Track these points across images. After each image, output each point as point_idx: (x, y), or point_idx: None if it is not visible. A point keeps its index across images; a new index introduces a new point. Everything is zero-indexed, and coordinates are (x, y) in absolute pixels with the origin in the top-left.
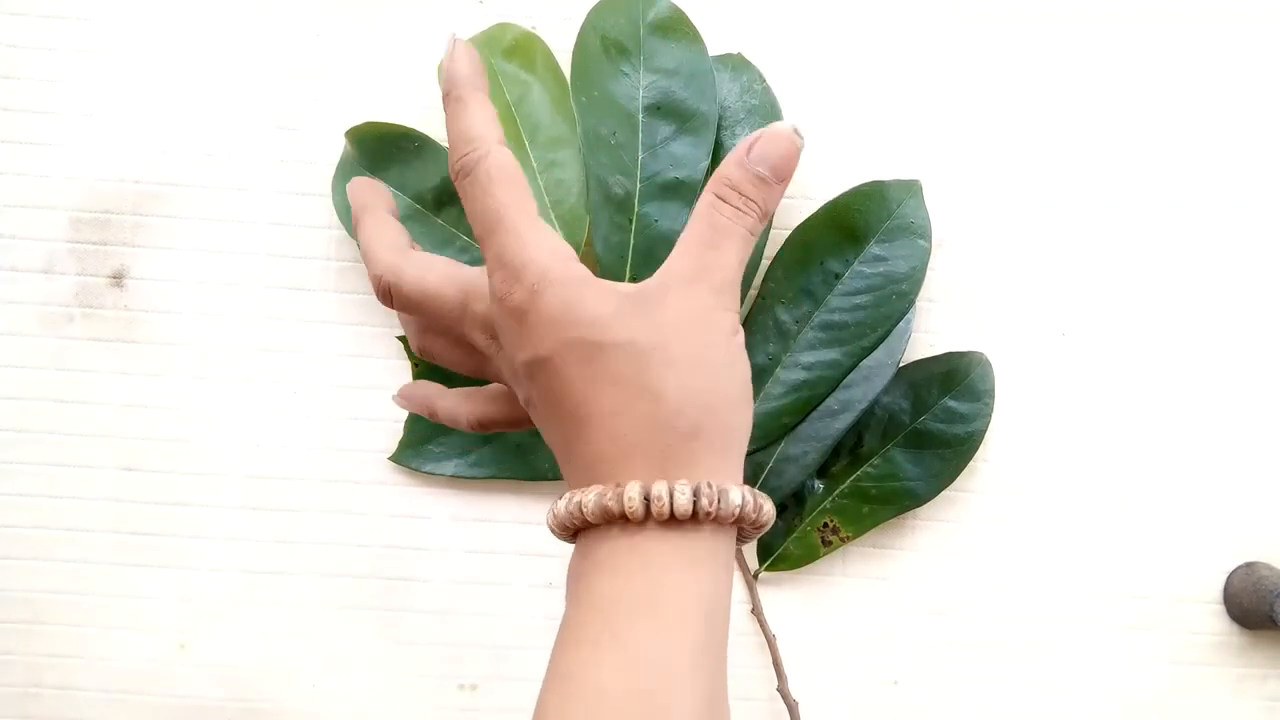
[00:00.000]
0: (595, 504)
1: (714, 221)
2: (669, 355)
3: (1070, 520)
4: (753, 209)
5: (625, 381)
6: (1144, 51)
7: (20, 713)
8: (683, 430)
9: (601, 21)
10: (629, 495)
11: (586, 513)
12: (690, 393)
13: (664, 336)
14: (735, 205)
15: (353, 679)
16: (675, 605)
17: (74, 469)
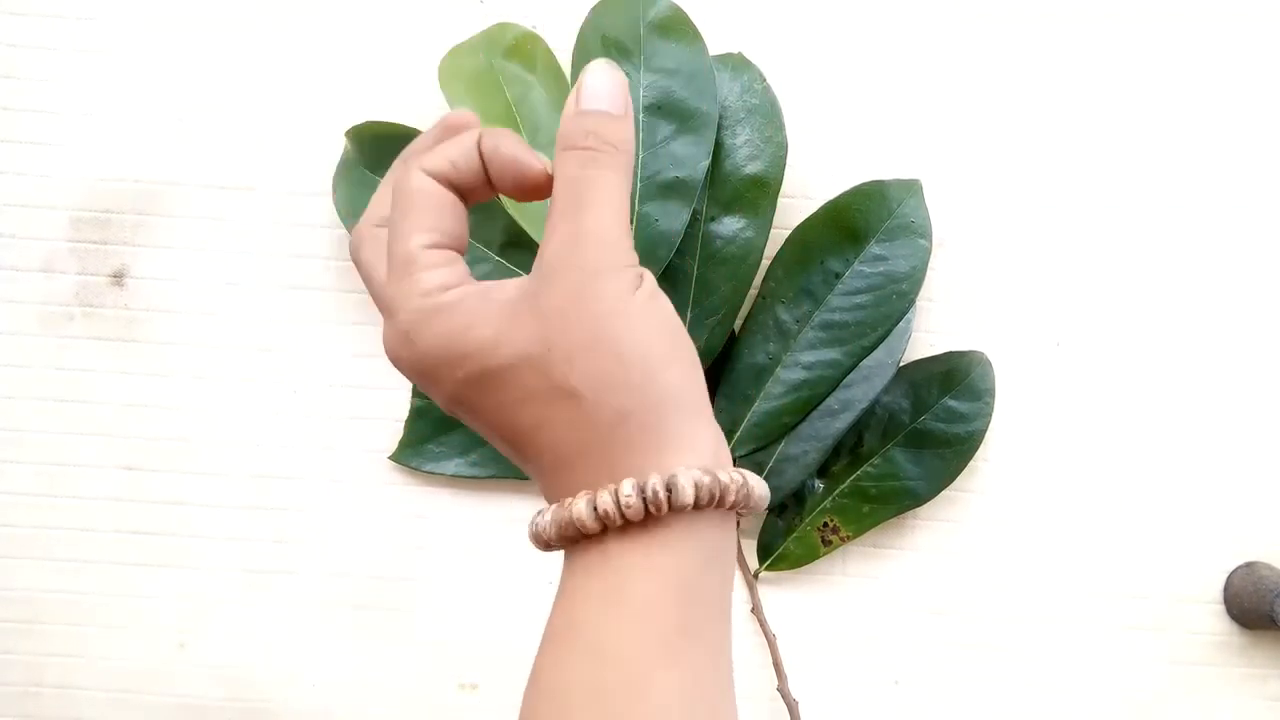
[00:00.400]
0: (553, 526)
1: (569, 180)
2: (566, 350)
3: (1070, 520)
4: (605, 148)
5: (534, 395)
6: (1144, 51)
7: (20, 711)
8: (609, 420)
9: (602, 21)
10: (577, 516)
11: (550, 536)
12: (600, 379)
13: (554, 332)
14: (584, 146)
15: (352, 678)
16: (640, 595)
17: (74, 468)
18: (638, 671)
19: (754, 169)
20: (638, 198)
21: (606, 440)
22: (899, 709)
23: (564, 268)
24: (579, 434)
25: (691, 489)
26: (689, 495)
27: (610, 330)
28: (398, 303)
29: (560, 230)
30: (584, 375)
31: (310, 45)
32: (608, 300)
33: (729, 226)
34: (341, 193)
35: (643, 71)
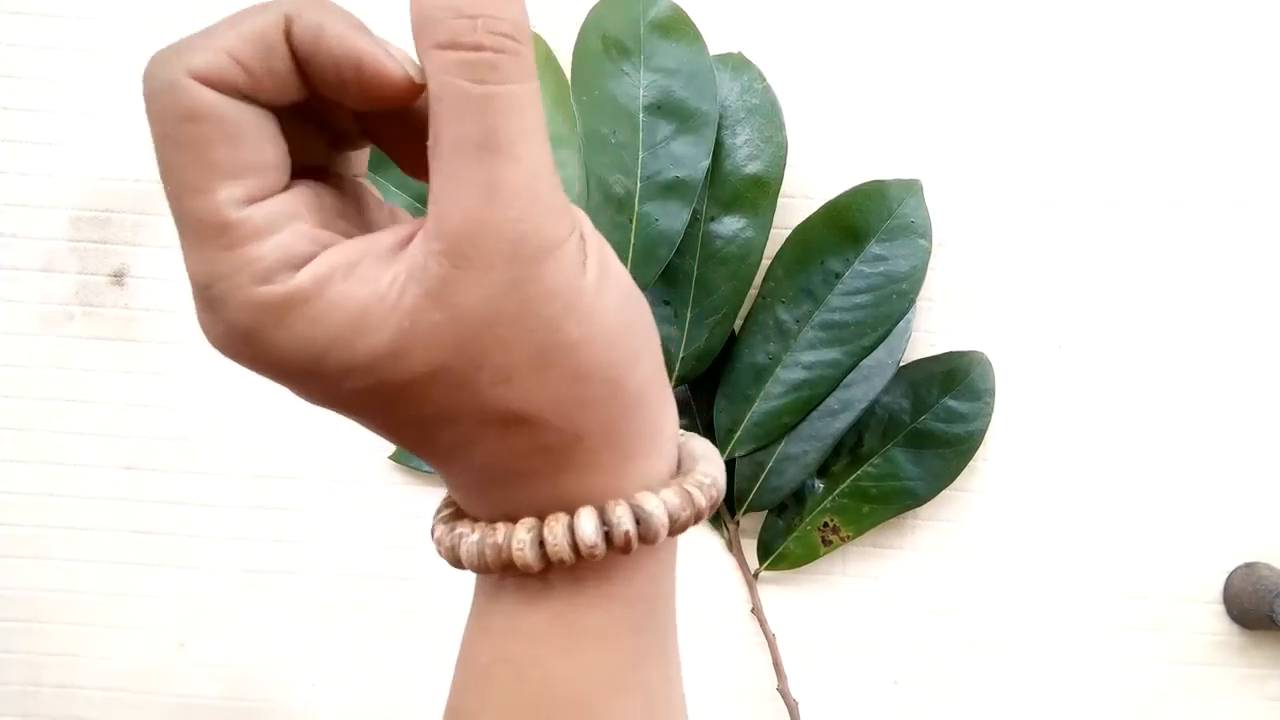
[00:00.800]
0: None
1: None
2: (501, 369)
3: (1070, 520)
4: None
5: (457, 415)
6: (1144, 51)
7: (20, 710)
8: (563, 444)
9: (602, 21)
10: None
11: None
12: (552, 401)
13: (481, 345)
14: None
15: (352, 677)
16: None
17: (74, 467)
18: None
19: (754, 169)
20: (638, 198)
21: (558, 463)
22: (899, 709)
23: (484, 246)
24: (519, 458)
25: (665, 519)
26: (662, 525)
27: (562, 339)
28: (221, 289)
29: (466, 182)
30: (529, 399)
31: None
32: (557, 297)
33: (729, 226)
34: None
35: (643, 71)
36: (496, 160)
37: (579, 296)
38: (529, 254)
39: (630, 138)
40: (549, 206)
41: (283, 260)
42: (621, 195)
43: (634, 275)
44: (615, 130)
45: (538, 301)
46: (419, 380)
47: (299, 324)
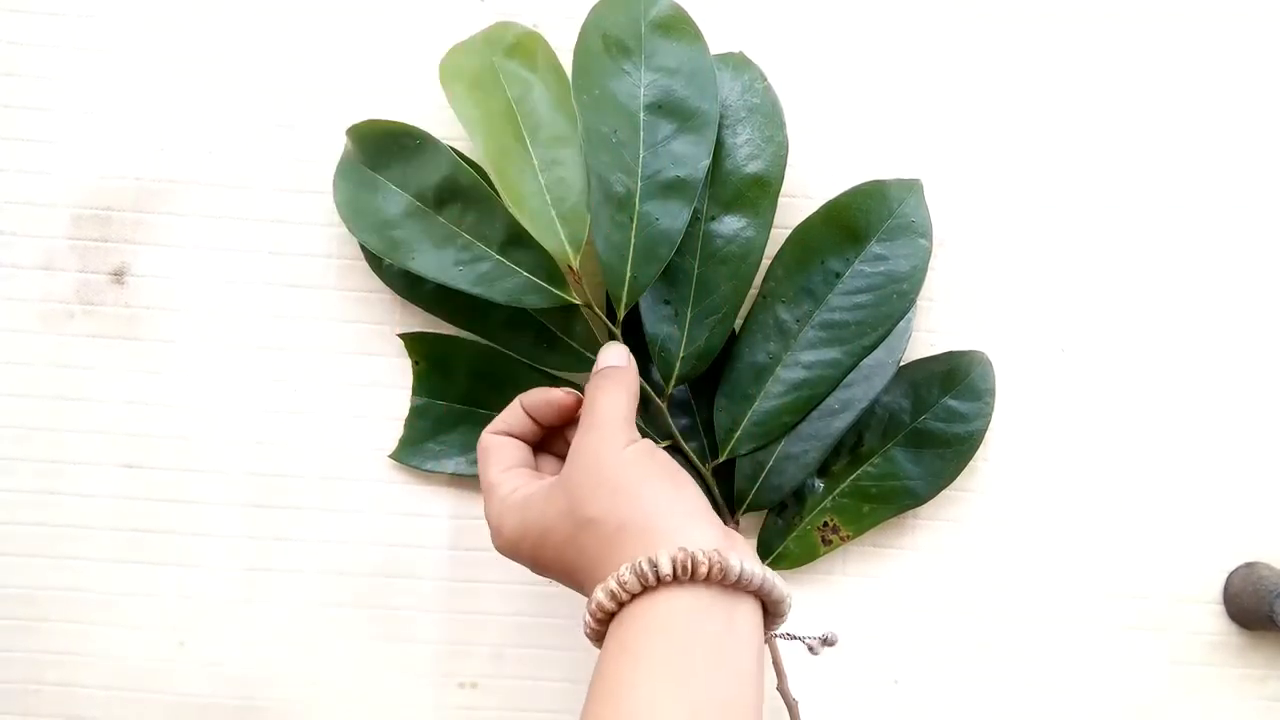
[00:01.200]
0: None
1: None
2: (582, 494)
3: (1070, 520)
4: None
5: (571, 535)
6: (1144, 51)
7: (21, 709)
8: (610, 530)
9: (603, 20)
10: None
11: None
12: (605, 505)
13: (575, 487)
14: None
15: (352, 677)
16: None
17: (74, 466)
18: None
19: (755, 168)
20: (638, 197)
21: (615, 545)
22: (899, 708)
23: (580, 446)
24: (599, 547)
25: (669, 562)
26: (666, 566)
27: (608, 471)
28: (489, 510)
29: (581, 426)
30: (595, 505)
31: (311, 43)
32: (606, 454)
33: (729, 226)
34: (342, 191)
35: (643, 70)
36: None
37: (618, 455)
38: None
39: (631, 137)
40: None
41: (510, 490)
42: (622, 194)
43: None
44: (616, 129)
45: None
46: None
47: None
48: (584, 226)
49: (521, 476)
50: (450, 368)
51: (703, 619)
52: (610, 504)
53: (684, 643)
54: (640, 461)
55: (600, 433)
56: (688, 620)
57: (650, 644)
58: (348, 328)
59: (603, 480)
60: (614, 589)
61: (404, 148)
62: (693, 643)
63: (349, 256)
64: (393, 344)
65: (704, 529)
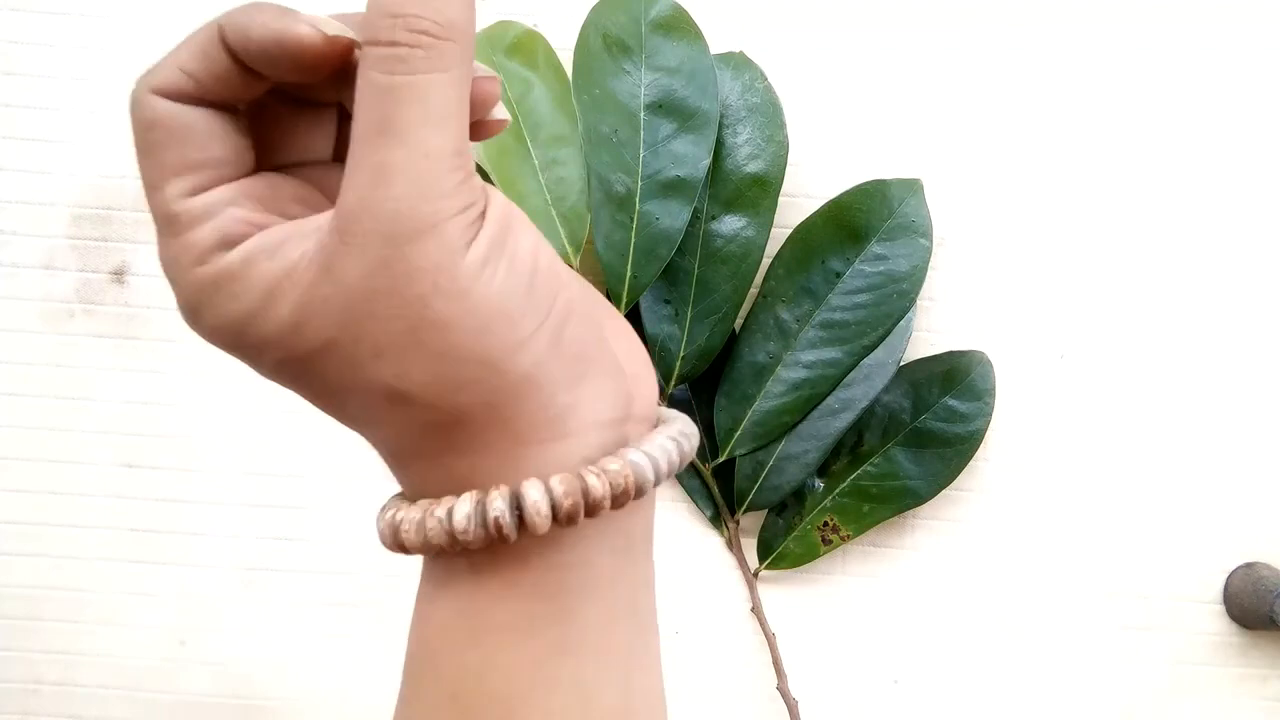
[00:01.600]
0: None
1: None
2: (375, 344)
3: (1070, 520)
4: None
5: (350, 389)
6: (1145, 51)
7: (20, 708)
8: (443, 423)
9: (603, 19)
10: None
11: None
12: (425, 380)
13: (359, 318)
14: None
15: (353, 675)
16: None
17: (74, 465)
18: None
19: (755, 168)
20: (638, 196)
21: (445, 444)
22: (898, 708)
23: (364, 223)
24: (410, 436)
25: (546, 507)
26: (543, 515)
27: (432, 316)
28: (172, 272)
29: (361, 165)
30: (404, 376)
31: None
32: (426, 276)
33: (730, 225)
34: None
35: (644, 70)
36: (387, 144)
37: (452, 276)
38: (402, 232)
39: (631, 136)
40: (430, 187)
41: (216, 243)
42: (622, 194)
43: (635, 274)
44: (616, 129)
45: (406, 279)
46: (315, 353)
47: (224, 299)
48: (584, 226)
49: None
50: None
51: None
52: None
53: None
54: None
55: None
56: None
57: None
58: None
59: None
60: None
61: None
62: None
63: None
64: None
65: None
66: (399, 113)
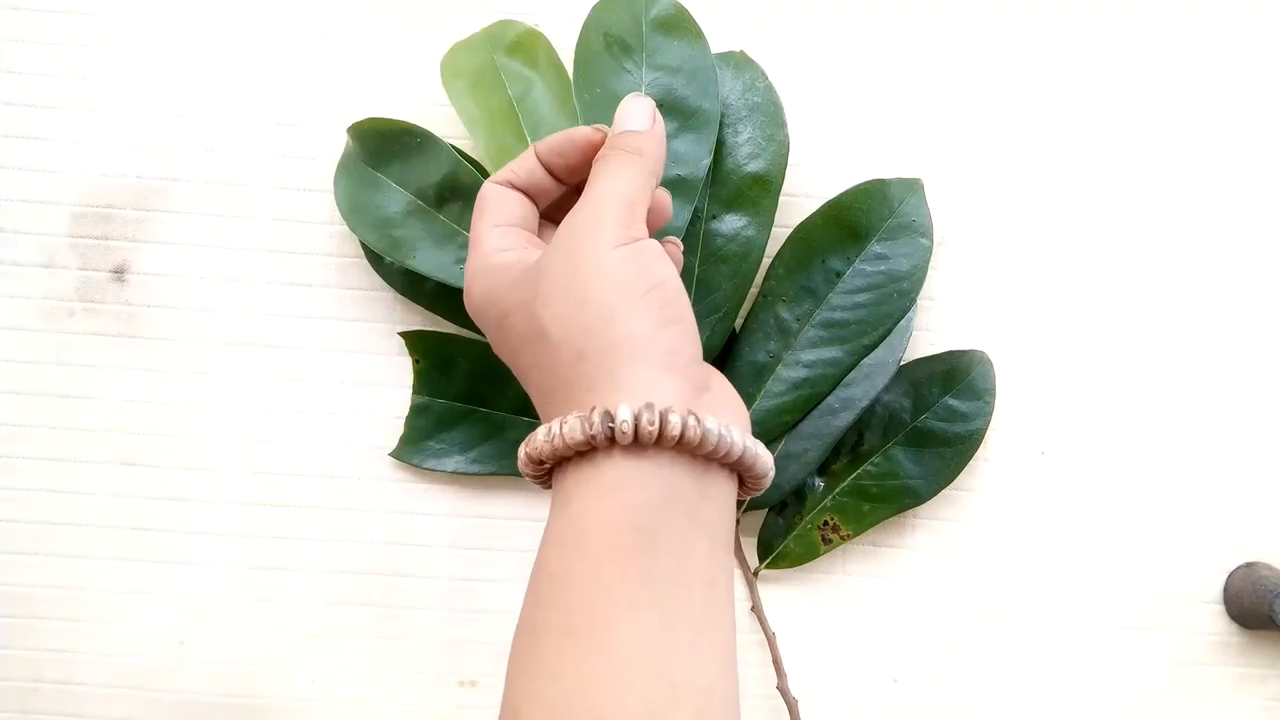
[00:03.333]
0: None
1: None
2: (546, 294)
3: (1070, 520)
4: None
5: (527, 337)
6: (1147, 50)
7: (20, 707)
8: (567, 359)
9: (604, 18)
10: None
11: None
12: (566, 321)
13: (542, 279)
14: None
15: (352, 675)
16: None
17: (74, 464)
18: (601, 616)
19: (755, 167)
20: None
21: (569, 378)
22: (898, 707)
23: (563, 231)
24: (551, 372)
25: (630, 419)
26: (627, 423)
27: (581, 276)
28: (469, 264)
29: (576, 204)
30: (554, 316)
31: (312, 41)
32: (587, 251)
33: (730, 224)
34: (343, 189)
35: (644, 69)
36: (590, 188)
37: (600, 256)
38: (582, 227)
39: None
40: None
41: (496, 249)
42: None
43: None
44: None
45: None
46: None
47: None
48: None
49: (516, 237)
50: (451, 366)
51: (665, 501)
52: (570, 319)
53: (644, 533)
54: (626, 271)
55: (589, 219)
56: (647, 500)
57: (601, 532)
58: (348, 326)
59: (572, 283)
60: (555, 441)
61: (405, 146)
62: (655, 534)
63: (349, 255)
64: (393, 342)
65: (680, 376)
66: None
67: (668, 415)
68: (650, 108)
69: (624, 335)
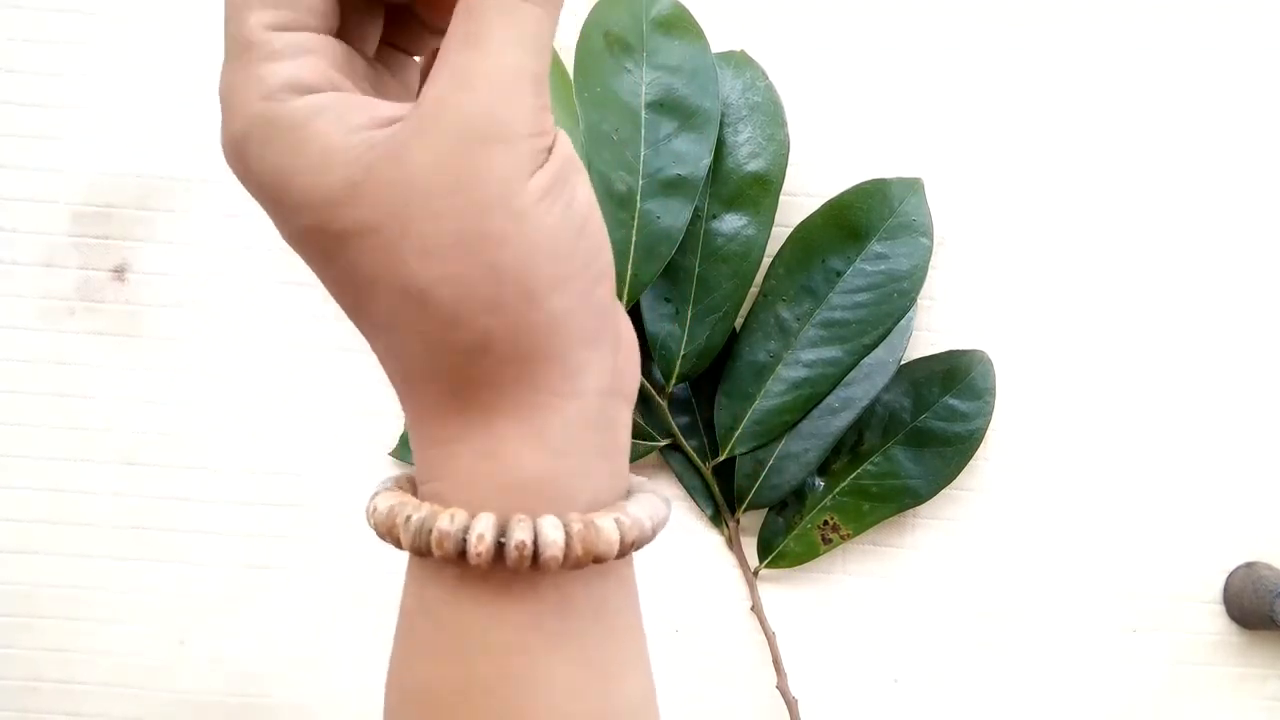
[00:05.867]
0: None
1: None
2: (423, 240)
3: (1070, 519)
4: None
5: (380, 284)
6: (1145, 51)
7: (20, 706)
8: (466, 346)
9: (605, 18)
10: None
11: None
12: (462, 288)
13: (412, 210)
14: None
15: (351, 674)
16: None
17: (74, 463)
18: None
19: (756, 167)
20: (640, 195)
21: (462, 367)
22: (898, 707)
23: (442, 118)
24: (426, 353)
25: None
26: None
27: (487, 227)
28: (231, 99)
29: (447, 68)
30: (443, 279)
31: None
32: (491, 184)
33: (731, 224)
34: None
35: (645, 69)
36: (476, 51)
37: (515, 195)
38: (477, 132)
39: (632, 135)
40: (515, 103)
41: (288, 84)
42: (624, 192)
43: (635, 272)
44: (617, 127)
45: (472, 181)
46: (354, 234)
47: (280, 145)
48: None
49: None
50: None
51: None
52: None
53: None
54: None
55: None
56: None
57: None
58: (348, 325)
59: (473, 238)
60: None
61: None
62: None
63: None
64: None
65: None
66: (491, 26)
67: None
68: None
69: (548, 317)
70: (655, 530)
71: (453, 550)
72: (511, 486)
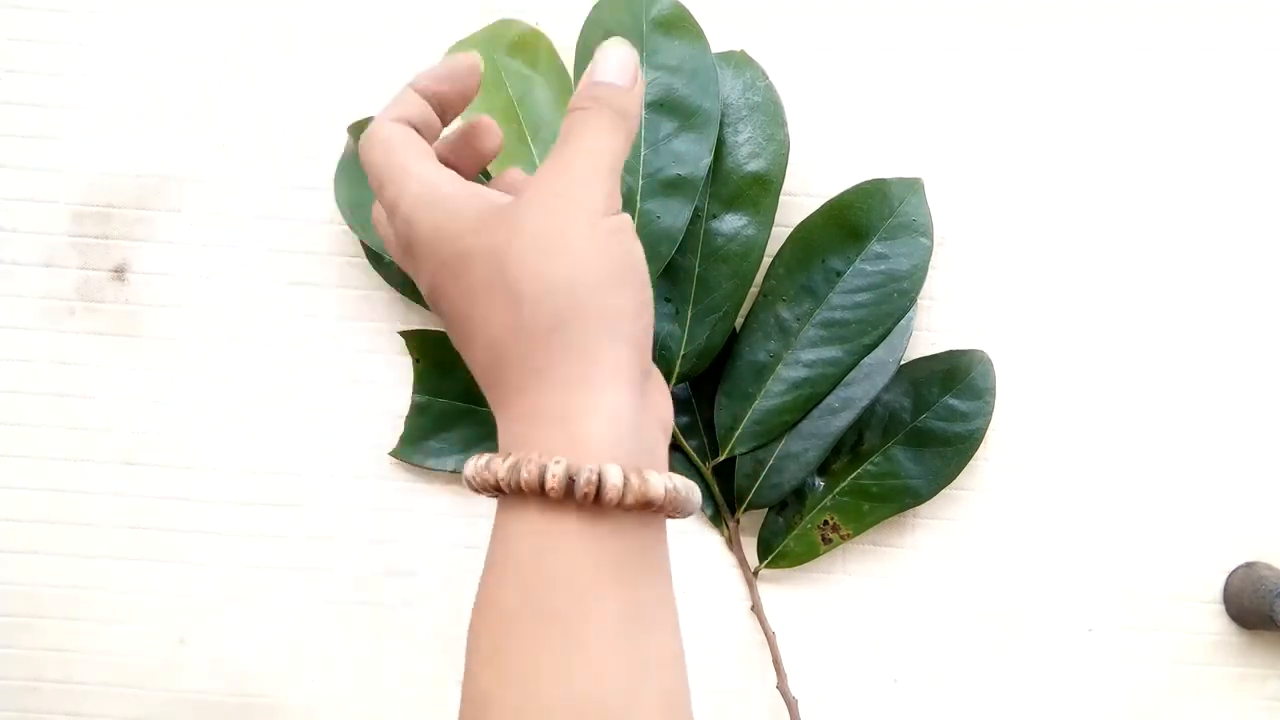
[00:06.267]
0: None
1: (570, 125)
2: (524, 247)
3: (1070, 519)
4: (603, 106)
5: (490, 286)
6: (1145, 51)
7: (20, 706)
8: (542, 324)
9: (604, 18)
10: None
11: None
12: (545, 280)
13: (521, 231)
14: (583, 106)
15: (352, 674)
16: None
17: (74, 463)
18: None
19: (756, 166)
20: (640, 195)
21: (534, 344)
22: (898, 707)
23: (543, 188)
24: (513, 335)
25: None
26: (558, 480)
27: (573, 239)
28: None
29: (545, 165)
30: (533, 275)
31: (313, 40)
32: (580, 212)
33: (730, 224)
34: (343, 188)
35: (645, 69)
36: (563, 151)
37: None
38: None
39: None
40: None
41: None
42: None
43: None
44: None
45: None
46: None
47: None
48: None
49: (443, 170)
50: (451, 366)
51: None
52: (552, 278)
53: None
54: (613, 247)
55: (578, 181)
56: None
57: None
58: (349, 325)
59: (557, 245)
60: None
61: None
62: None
63: (350, 254)
64: (394, 342)
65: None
66: (575, 136)
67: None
68: (634, 60)
69: (605, 308)
70: (689, 503)
71: (535, 483)
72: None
